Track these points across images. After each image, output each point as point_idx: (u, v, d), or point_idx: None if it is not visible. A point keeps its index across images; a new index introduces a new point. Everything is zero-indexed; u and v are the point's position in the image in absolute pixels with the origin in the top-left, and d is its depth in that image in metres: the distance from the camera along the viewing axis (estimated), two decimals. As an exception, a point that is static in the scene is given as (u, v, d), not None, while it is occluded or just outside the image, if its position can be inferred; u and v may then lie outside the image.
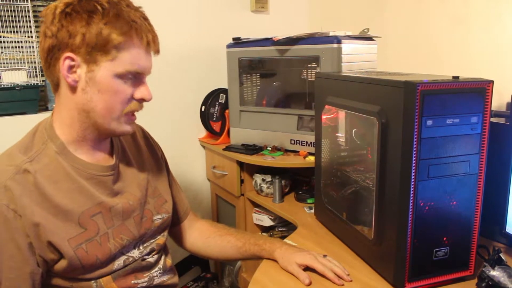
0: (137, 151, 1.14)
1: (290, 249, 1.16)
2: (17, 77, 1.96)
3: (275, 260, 1.16)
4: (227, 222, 2.11)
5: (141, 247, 1.08)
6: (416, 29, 1.93)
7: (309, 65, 1.86)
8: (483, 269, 1.00)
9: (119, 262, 1.02)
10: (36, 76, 1.98)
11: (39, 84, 1.99)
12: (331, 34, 1.62)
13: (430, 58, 1.87)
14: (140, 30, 0.91)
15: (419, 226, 0.98)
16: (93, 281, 0.98)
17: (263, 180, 1.79)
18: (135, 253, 1.06)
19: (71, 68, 0.90)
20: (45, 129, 0.97)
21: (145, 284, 1.08)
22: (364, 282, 1.08)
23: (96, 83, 0.90)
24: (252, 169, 1.85)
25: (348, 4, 2.29)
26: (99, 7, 0.88)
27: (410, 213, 0.97)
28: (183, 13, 2.06)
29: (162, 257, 1.16)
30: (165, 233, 1.17)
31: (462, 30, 1.73)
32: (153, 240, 1.12)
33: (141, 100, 0.98)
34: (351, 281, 1.08)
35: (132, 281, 1.05)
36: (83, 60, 0.89)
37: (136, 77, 0.95)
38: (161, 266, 1.13)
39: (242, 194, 1.90)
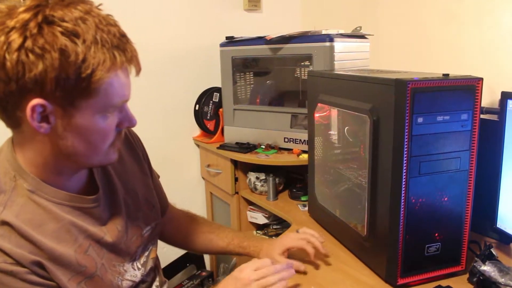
0: (118, 163, 1.00)
1: (271, 245, 1.18)
2: None
3: None
4: (221, 220, 2.12)
5: (138, 265, 1.01)
6: (408, 26, 1.94)
7: (302, 64, 1.86)
8: (475, 264, 1.02)
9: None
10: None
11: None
12: (323, 32, 1.62)
13: (423, 55, 1.88)
14: (122, 60, 0.75)
15: (411, 222, 0.99)
16: None
17: (257, 178, 1.79)
18: (137, 274, 0.99)
19: (41, 116, 0.73)
20: (9, 163, 0.82)
21: None
22: (357, 278, 1.09)
23: (76, 127, 0.76)
24: (246, 167, 1.85)
25: (341, 2, 2.30)
26: (68, 42, 0.69)
27: (402, 209, 0.98)
28: (176, 12, 2.05)
29: (158, 274, 1.12)
30: (156, 241, 1.10)
31: (454, 27, 1.74)
32: (147, 252, 1.04)
33: (127, 127, 0.91)
34: (327, 254, 1.18)
35: None
36: (57, 105, 0.73)
37: (119, 106, 0.82)
38: (158, 284, 1.09)
39: (237, 192, 1.90)
